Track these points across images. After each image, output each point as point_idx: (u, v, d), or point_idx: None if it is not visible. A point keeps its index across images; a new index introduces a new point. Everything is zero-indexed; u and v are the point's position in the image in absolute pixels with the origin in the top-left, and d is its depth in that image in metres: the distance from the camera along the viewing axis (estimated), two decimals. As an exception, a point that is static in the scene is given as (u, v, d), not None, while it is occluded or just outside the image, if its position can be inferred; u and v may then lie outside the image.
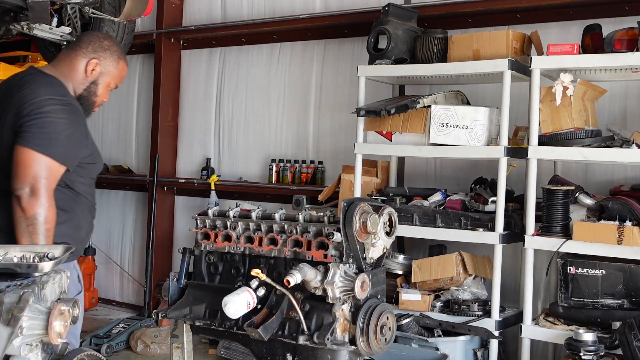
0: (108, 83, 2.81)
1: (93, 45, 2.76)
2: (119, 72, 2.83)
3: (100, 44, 2.78)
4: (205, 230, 2.54)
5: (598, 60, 3.57)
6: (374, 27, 4.32)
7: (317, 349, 2.18)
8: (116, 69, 2.82)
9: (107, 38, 2.89)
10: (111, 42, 2.85)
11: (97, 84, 2.77)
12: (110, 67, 2.79)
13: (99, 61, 2.75)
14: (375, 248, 2.30)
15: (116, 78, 2.83)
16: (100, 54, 2.76)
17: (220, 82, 5.97)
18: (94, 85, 2.77)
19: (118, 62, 2.81)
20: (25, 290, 2.21)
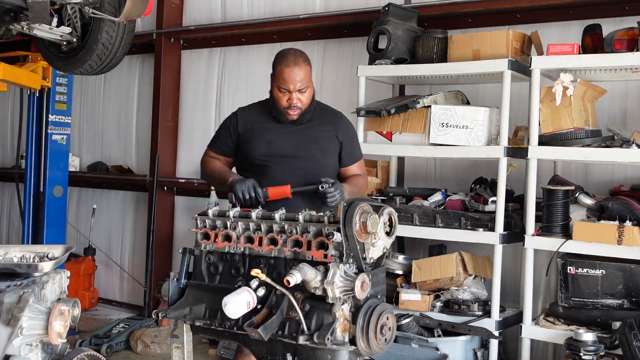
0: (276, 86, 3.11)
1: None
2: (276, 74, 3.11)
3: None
4: (205, 230, 2.53)
5: (598, 60, 3.57)
6: (374, 27, 4.32)
7: (317, 349, 2.18)
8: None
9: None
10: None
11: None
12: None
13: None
14: (375, 248, 2.30)
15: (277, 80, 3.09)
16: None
17: (220, 82, 5.97)
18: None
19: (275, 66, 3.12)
20: (25, 290, 2.21)
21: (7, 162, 7.21)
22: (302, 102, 3.08)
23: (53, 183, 4.99)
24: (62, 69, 4.16)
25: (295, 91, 3.03)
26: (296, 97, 3.05)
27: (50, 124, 4.97)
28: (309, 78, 3.09)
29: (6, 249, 2.53)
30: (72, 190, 6.47)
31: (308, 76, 3.08)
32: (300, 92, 3.05)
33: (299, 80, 3.02)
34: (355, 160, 3.28)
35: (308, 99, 3.10)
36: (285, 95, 3.05)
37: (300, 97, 3.06)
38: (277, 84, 3.07)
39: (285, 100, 3.06)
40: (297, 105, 3.07)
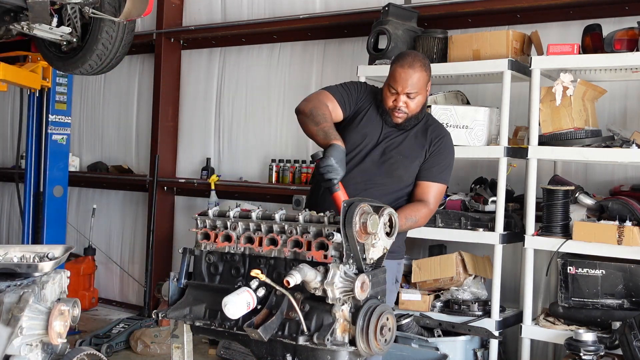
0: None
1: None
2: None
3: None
4: (205, 231, 2.53)
5: (598, 60, 3.58)
6: (374, 27, 4.32)
7: (317, 349, 2.18)
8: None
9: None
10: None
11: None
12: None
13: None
14: (375, 249, 2.30)
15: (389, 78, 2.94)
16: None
17: (220, 82, 5.97)
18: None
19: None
20: (25, 290, 2.21)
21: (7, 162, 7.21)
22: (409, 108, 2.91)
23: (53, 183, 4.99)
24: (62, 69, 4.16)
25: (404, 94, 2.87)
26: (403, 101, 2.89)
27: (50, 124, 4.97)
28: (422, 85, 2.91)
29: (6, 249, 2.53)
30: (72, 190, 6.47)
31: (421, 82, 2.90)
32: (409, 96, 2.88)
33: (410, 83, 2.86)
34: (430, 178, 2.96)
35: (417, 106, 2.92)
36: (393, 96, 2.90)
37: (408, 101, 2.89)
38: (388, 82, 2.93)
39: (391, 101, 2.91)
40: (403, 109, 2.90)
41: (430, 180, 2.95)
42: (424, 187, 2.95)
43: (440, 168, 2.97)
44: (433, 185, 2.95)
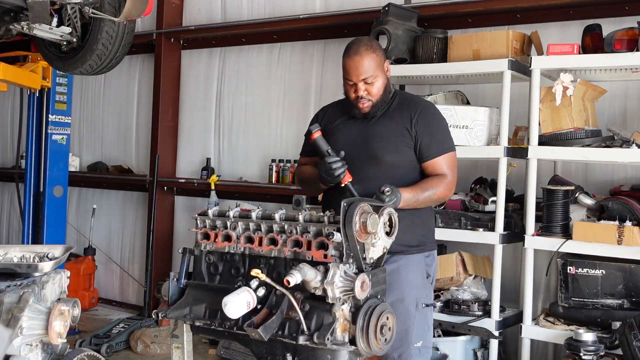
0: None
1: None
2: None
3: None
4: (205, 231, 2.53)
5: (598, 60, 3.58)
6: (374, 27, 4.32)
7: (317, 349, 2.18)
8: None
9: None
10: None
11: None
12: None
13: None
14: (375, 248, 2.30)
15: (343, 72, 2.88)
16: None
17: (220, 82, 5.97)
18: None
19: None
20: (25, 290, 2.21)
21: (7, 162, 7.21)
22: (371, 93, 2.83)
23: (53, 183, 4.99)
24: (62, 69, 4.16)
25: (360, 81, 2.81)
26: (363, 88, 2.82)
27: (50, 124, 4.97)
28: (375, 67, 2.82)
29: (6, 249, 2.53)
30: (72, 190, 6.47)
31: (373, 65, 2.81)
32: (366, 82, 2.81)
33: (362, 70, 2.79)
34: (434, 155, 2.85)
35: (378, 89, 2.85)
36: (352, 87, 2.85)
37: (368, 87, 2.82)
38: (343, 76, 2.87)
39: (352, 92, 2.85)
40: (366, 97, 2.83)
41: (434, 157, 2.85)
42: (433, 164, 2.85)
43: (437, 139, 2.87)
44: (440, 159, 2.85)
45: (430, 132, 2.85)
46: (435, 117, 2.93)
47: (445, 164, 2.86)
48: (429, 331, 2.89)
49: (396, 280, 2.75)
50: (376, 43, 2.91)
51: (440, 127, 2.91)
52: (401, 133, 2.85)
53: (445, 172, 2.84)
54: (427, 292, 2.88)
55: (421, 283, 2.85)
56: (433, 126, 2.88)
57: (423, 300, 2.82)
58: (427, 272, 2.89)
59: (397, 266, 2.78)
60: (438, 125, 2.91)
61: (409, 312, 2.77)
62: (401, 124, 2.86)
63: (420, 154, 2.85)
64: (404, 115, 2.87)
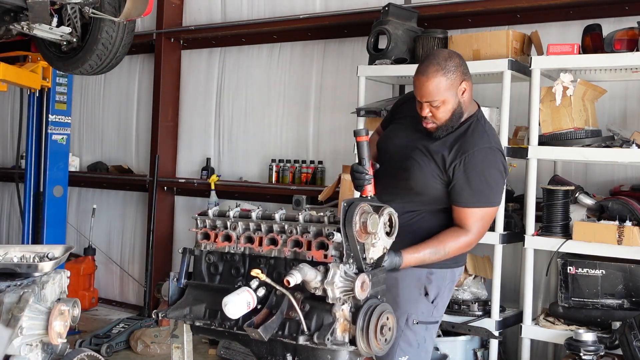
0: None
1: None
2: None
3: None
4: (205, 231, 2.53)
5: (598, 60, 3.58)
6: (374, 27, 4.32)
7: (317, 349, 2.18)
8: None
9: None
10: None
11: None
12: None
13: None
14: (375, 248, 2.30)
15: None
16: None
17: (220, 82, 5.97)
18: None
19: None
20: (25, 290, 2.21)
21: (7, 162, 7.21)
22: (436, 117, 2.61)
23: (53, 183, 4.99)
24: (62, 69, 4.16)
25: (424, 102, 2.60)
26: (427, 110, 2.60)
27: (50, 124, 4.97)
28: (444, 90, 2.57)
29: (6, 249, 2.53)
30: (72, 190, 6.47)
31: (440, 89, 2.57)
32: (432, 105, 2.59)
33: (426, 92, 2.57)
34: (463, 204, 2.60)
35: (445, 114, 2.60)
36: (419, 104, 2.64)
37: (433, 110, 2.60)
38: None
39: (419, 109, 2.64)
40: (429, 119, 2.62)
41: (462, 206, 2.60)
42: (459, 212, 2.62)
43: (472, 191, 2.58)
44: (468, 210, 2.60)
45: (467, 180, 2.58)
46: (482, 166, 2.59)
47: (472, 217, 2.60)
48: (419, 348, 2.70)
49: (391, 290, 2.63)
50: (454, 61, 2.63)
51: (482, 178, 2.59)
52: (437, 167, 2.63)
53: (469, 226, 2.60)
54: (423, 310, 2.70)
55: (415, 298, 2.69)
56: (472, 175, 2.58)
57: (416, 316, 2.68)
58: (426, 289, 2.70)
59: (397, 275, 2.64)
60: (481, 175, 2.59)
61: (397, 326, 2.55)
62: (443, 158, 2.62)
63: (450, 197, 2.62)
64: (451, 150, 2.62)
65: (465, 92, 2.66)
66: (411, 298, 2.70)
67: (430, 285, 2.70)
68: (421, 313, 2.70)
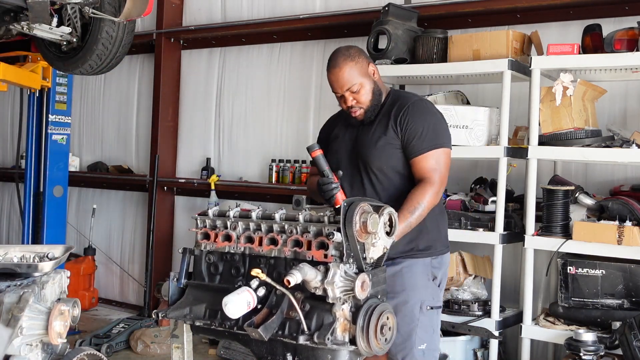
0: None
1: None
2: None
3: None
4: (205, 230, 2.53)
5: (598, 60, 3.58)
6: (374, 27, 4.32)
7: (317, 348, 2.18)
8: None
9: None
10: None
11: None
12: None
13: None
14: (375, 248, 2.30)
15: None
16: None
17: (220, 82, 5.97)
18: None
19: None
20: (25, 290, 2.21)
21: (7, 162, 7.21)
22: (360, 101, 2.80)
23: (53, 183, 4.99)
24: (62, 69, 4.16)
25: (345, 92, 2.79)
26: (350, 98, 2.79)
27: (50, 124, 4.97)
28: (358, 74, 2.78)
29: (6, 249, 2.53)
30: (72, 190, 6.47)
31: (355, 74, 2.77)
32: (352, 91, 2.78)
33: (343, 82, 2.77)
34: (417, 152, 2.72)
35: (366, 95, 2.79)
36: (341, 98, 2.83)
37: (355, 96, 2.79)
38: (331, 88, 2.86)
39: (342, 103, 2.84)
40: (356, 105, 2.80)
41: (418, 154, 2.72)
42: (417, 163, 2.72)
43: (421, 136, 2.72)
44: (424, 157, 2.71)
45: (414, 128, 2.72)
46: (424, 112, 2.78)
47: (430, 162, 2.71)
48: (434, 334, 2.82)
49: (400, 282, 2.74)
50: (355, 50, 2.84)
51: (428, 123, 2.74)
52: (388, 136, 2.76)
53: (429, 174, 2.69)
54: (433, 295, 2.81)
55: (425, 285, 2.79)
56: (419, 122, 2.73)
57: (428, 302, 2.78)
58: (434, 274, 2.82)
59: (401, 268, 2.75)
60: (423, 121, 2.74)
61: (412, 314, 2.74)
62: (387, 124, 2.78)
63: (405, 154, 2.75)
64: (392, 114, 2.79)
65: (375, 72, 2.88)
66: (421, 285, 2.79)
67: (435, 270, 2.83)
68: (432, 298, 2.81)
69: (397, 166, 2.77)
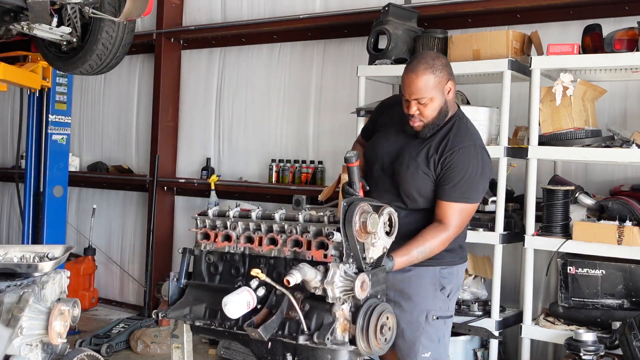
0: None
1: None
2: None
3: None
4: (205, 230, 2.54)
5: (598, 60, 3.58)
6: (374, 27, 4.32)
7: (317, 348, 2.18)
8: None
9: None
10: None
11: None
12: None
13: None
14: (375, 248, 2.30)
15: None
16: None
17: (220, 82, 5.97)
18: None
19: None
20: (25, 290, 2.21)
21: (7, 162, 7.21)
22: (423, 115, 2.68)
23: (53, 183, 4.99)
24: (62, 69, 4.16)
25: (412, 100, 2.67)
26: (415, 107, 2.67)
27: (50, 124, 4.97)
28: (432, 88, 2.66)
29: (6, 249, 2.53)
30: (72, 190, 6.47)
31: (429, 86, 2.65)
32: (420, 102, 2.67)
33: (415, 89, 2.65)
34: (443, 198, 2.68)
35: (432, 111, 2.68)
36: (406, 102, 2.71)
37: (421, 108, 2.67)
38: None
39: (406, 108, 2.72)
40: (417, 116, 2.69)
41: (444, 200, 2.68)
42: (440, 206, 2.69)
43: (454, 186, 2.65)
44: (448, 205, 2.67)
45: (451, 174, 2.66)
46: (470, 161, 2.68)
47: (454, 212, 2.66)
48: (439, 344, 2.78)
49: (407, 288, 2.74)
50: (441, 62, 2.71)
51: (468, 174, 2.66)
52: (425, 166, 2.70)
53: (449, 220, 2.66)
54: (441, 305, 2.77)
55: (433, 294, 2.76)
56: (457, 171, 2.66)
57: (435, 312, 2.74)
58: (442, 284, 2.77)
59: (410, 275, 2.72)
60: (467, 170, 2.66)
61: (418, 322, 2.73)
62: (430, 156, 2.70)
63: (436, 191, 2.71)
64: (439, 147, 2.70)
65: (451, 91, 2.74)
66: (428, 294, 2.77)
67: (444, 280, 2.79)
68: (439, 308, 2.77)
69: (427, 193, 2.73)
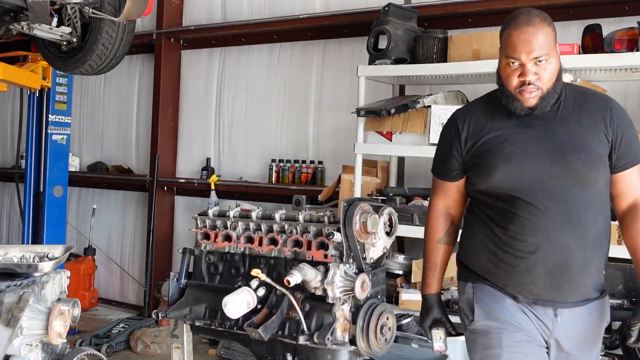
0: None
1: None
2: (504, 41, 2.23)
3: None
4: (205, 230, 2.54)
5: (598, 60, 3.57)
6: (374, 27, 4.32)
7: (317, 349, 2.18)
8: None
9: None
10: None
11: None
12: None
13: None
14: (375, 248, 2.30)
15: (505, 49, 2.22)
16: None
17: (220, 82, 5.97)
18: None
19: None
20: (25, 290, 2.21)
21: (7, 162, 7.21)
22: (541, 78, 2.13)
23: (53, 183, 5.00)
24: (62, 69, 4.16)
25: (530, 61, 2.12)
26: (533, 71, 2.11)
27: (50, 124, 4.97)
28: (550, 44, 2.15)
29: (6, 249, 2.53)
30: (72, 190, 6.47)
31: (548, 40, 2.14)
32: (538, 62, 2.12)
33: (536, 45, 2.11)
34: (632, 163, 2.18)
35: (551, 74, 2.16)
36: (517, 69, 2.14)
37: (539, 70, 2.12)
38: (504, 54, 2.20)
39: (516, 77, 2.14)
40: (535, 83, 2.12)
41: (631, 166, 2.19)
42: (625, 178, 2.19)
43: (636, 144, 2.20)
44: (635, 169, 2.19)
45: (629, 139, 2.19)
46: (627, 116, 2.27)
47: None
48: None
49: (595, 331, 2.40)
50: (547, 15, 2.22)
51: (634, 130, 2.23)
52: (599, 139, 2.16)
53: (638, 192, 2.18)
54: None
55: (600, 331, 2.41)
56: (630, 128, 2.22)
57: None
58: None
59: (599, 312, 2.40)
60: (631, 125, 2.24)
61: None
62: (596, 125, 2.17)
63: (613, 165, 2.18)
64: (595, 113, 2.20)
65: (559, 52, 2.28)
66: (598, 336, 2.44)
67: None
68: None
69: (605, 183, 2.20)
